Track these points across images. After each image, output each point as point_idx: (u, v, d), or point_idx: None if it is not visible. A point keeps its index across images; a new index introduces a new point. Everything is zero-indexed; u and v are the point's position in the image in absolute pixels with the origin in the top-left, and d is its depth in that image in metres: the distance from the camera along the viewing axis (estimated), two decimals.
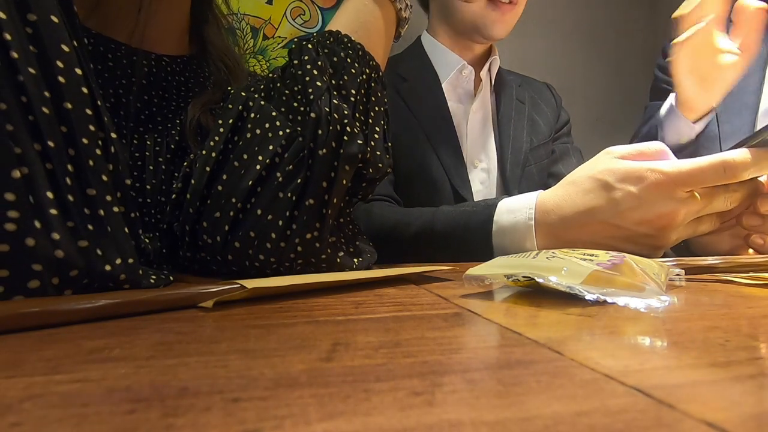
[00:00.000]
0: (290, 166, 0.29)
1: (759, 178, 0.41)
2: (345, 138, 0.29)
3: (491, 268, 0.24)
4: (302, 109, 0.31)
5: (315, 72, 0.31)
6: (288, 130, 0.30)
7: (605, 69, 1.66)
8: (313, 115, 0.29)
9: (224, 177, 0.30)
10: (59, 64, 0.21)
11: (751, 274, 0.28)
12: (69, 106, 0.21)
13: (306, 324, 0.17)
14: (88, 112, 0.21)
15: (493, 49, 0.76)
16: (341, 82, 0.32)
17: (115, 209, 0.22)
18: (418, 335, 0.15)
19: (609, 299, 0.20)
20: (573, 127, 0.84)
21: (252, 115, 0.31)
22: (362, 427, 0.09)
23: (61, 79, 0.20)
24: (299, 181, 0.29)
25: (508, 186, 0.70)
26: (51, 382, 0.11)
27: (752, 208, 0.42)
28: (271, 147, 0.29)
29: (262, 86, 0.33)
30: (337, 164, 0.29)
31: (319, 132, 0.29)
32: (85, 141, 0.21)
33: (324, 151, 0.29)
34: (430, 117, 0.69)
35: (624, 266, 0.23)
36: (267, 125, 0.30)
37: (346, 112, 0.30)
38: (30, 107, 0.19)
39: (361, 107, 0.33)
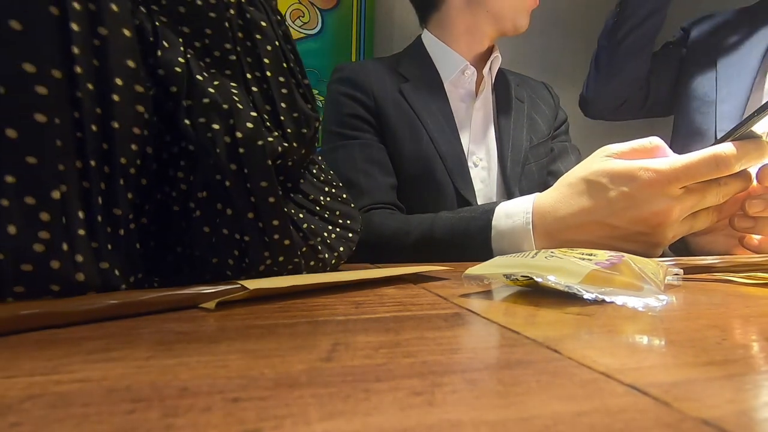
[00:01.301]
0: (203, 193, 0.24)
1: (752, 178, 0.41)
2: (241, 151, 0.23)
3: (490, 268, 0.24)
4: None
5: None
6: (184, 144, 0.24)
7: None
8: (191, 147, 0.23)
9: (144, 220, 0.26)
10: (118, 81, 0.20)
11: (748, 273, 0.28)
12: (116, 125, 0.20)
13: (306, 324, 0.17)
14: (136, 131, 0.21)
15: (494, 47, 0.76)
16: (206, 42, 0.24)
17: (132, 226, 0.21)
18: (418, 335, 0.15)
19: (607, 298, 0.20)
20: (572, 126, 0.84)
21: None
22: (362, 427, 0.09)
23: (115, 97, 0.20)
24: (229, 212, 0.24)
25: (509, 184, 0.70)
26: (51, 382, 0.11)
27: (742, 211, 0.42)
28: (179, 175, 0.24)
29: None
30: (250, 186, 0.23)
31: (211, 162, 0.23)
32: (123, 161, 0.20)
33: (229, 183, 0.23)
34: (434, 118, 0.69)
35: (622, 265, 0.23)
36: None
37: (225, 107, 0.23)
38: (81, 124, 0.19)
39: (249, 59, 0.25)
